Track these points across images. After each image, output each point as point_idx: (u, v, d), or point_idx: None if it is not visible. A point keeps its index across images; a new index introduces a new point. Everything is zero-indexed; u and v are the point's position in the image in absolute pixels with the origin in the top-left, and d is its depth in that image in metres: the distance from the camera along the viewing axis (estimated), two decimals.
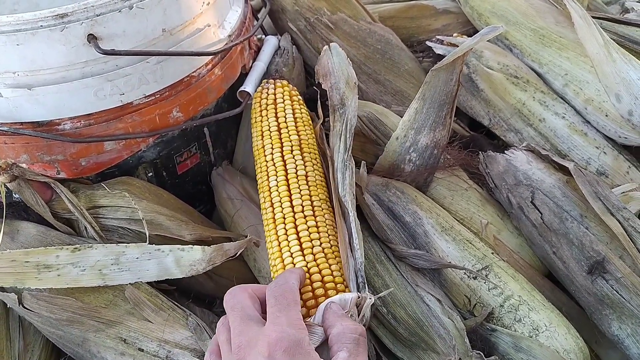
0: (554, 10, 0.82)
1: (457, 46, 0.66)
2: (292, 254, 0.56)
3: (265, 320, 0.46)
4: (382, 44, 0.85)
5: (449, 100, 0.65)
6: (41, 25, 0.52)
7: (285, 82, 0.72)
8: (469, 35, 0.70)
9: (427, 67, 0.84)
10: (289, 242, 0.57)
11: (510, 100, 0.76)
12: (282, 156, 0.63)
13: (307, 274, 0.54)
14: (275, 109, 0.68)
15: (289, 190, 0.60)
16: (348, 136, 0.63)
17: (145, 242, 0.61)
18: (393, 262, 0.62)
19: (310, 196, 0.60)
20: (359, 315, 0.51)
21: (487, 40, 0.79)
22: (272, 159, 0.63)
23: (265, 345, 0.42)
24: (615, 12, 0.99)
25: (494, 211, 0.68)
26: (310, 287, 0.53)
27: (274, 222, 0.59)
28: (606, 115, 0.71)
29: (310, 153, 0.64)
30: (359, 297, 0.51)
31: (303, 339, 0.43)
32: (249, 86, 0.73)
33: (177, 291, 0.67)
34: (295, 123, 0.67)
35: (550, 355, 0.54)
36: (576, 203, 0.62)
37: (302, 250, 0.56)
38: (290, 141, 0.64)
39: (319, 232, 0.57)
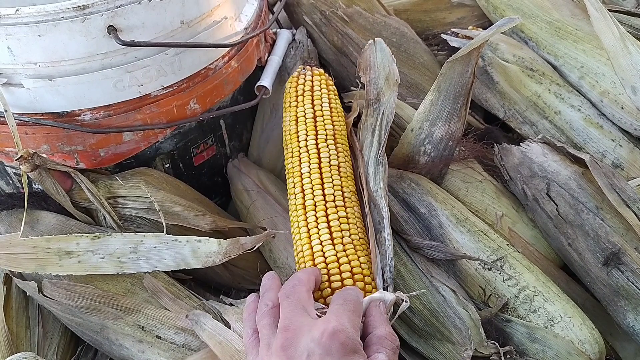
0: (570, 3, 0.82)
1: (472, 39, 0.66)
2: (322, 242, 0.55)
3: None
4: (397, 37, 0.85)
5: (464, 92, 0.65)
6: (62, 17, 0.53)
7: (321, 70, 0.71)
8: (484, 29, 0.70)
9: (442, 60, 0.84)
10: (319, 230, 0.56)
11: (526, 93, 0.76)
12: (317, 144, 0.63)
13: (336, 263, 0.53)
14: (312, 95, 0.67)
15: (322, 179, 0.60)
16: (383, 132, 0.63)
17: (163, 232, 0.62)
18: (408, 253, 0.62)
19: (342, 187, 0.60)
20: (393, 314, 0.51)
21: (503, 33, 0.80)
22: (306, 146, 0.63)
23: (321, 330, 0.42)
24: (631, 6, 0.98)
25: (509, 203, 0.68)
26: (339, 277, 0.53)
27: (304, 209, 0.58)
28: (622, 108, 0.71)
29: (342, 144, 0.64)
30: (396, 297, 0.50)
31: (359, 342, 0.43)
32: (265, 80, 0.74)
33: (194, 280, 0.68)
34: (331, 112, 0.66)
35: (566, 345, 0.54)
36: (592, 195, 0.62)
37: (332, 239, 0.55)
38: (325, 130, 0.64)
39: (349, 223, 0.57)
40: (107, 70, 0.58)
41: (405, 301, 0.50)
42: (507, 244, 0.62)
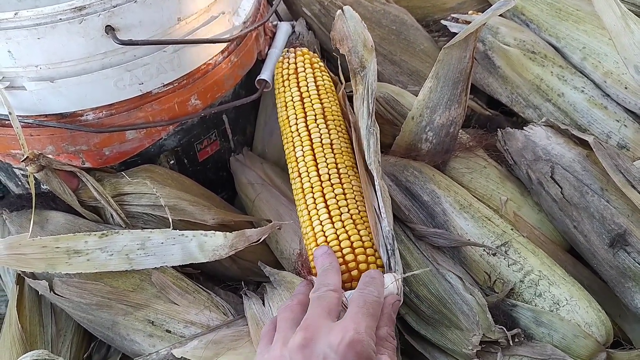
0: None
1: None
2: (321, 222, 0.58)
3: None
4: (397, 25, 0.85)
5: (463, 77, 0.64)
6: (60, 19, 0.53)
7: (305, 49, 0.72)
8: None
9: (443, 46, 0.84)
10: (317, 210, 0.59)
11: (528, 76, 0.76)
12: (307, 126, 0.64)
13: (336, 241, 0.56)
14: (297, 78, 0.68)
15: (315, 159, 0.62)
16: (370, 101, 0.63)
17: (170, 227, 0.62)
18: (413, 242, 0.62)
19: (336, 164, 0.61)
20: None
21: (503, 17, 0.79)
22: (297, 129, 0.64)
23: (339, 338, 0.42)
24: None
25: (513, 187, 0.68)
26: (340, 252, 0.55)
27: (303, 192, 0.61)
28: (625, 88, 0.70)
29: (334, 120, 0.65)
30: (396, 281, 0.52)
31: (373, 349, 0.44)
32: (265, 74, 0.74)
33: (202, 275, 0.68)
34: (318, 91, 0.67)
35: (572, 328, 0.54)
36: (596, 177, 0.62)
37: (330, 218, 0.58)
38: (314, 110, 0.65)
39: (346, 199, 0.59)
40: (107, 69, 0.58)
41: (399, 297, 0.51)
42: (512, 229, 0.62)
